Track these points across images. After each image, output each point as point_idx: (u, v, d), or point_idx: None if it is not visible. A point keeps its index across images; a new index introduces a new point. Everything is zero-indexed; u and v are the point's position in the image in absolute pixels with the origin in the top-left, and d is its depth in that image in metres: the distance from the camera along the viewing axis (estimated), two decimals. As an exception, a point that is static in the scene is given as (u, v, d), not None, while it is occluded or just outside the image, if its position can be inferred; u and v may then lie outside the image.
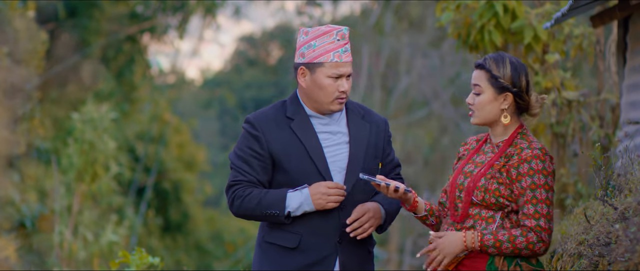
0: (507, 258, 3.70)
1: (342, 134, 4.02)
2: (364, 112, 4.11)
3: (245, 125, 4.01)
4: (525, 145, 3.73)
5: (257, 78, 33.72)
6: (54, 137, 15.85)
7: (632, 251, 3.60)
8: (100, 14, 17.79)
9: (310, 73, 3.95)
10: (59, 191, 12.96)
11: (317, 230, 3.93)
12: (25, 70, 11.94)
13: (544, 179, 3.67)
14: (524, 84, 3.75)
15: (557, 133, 7.94)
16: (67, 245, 12.48)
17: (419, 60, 21.02)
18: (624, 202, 4.20)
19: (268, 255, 3.99)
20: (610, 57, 7.93)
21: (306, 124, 3.98)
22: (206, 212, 22.07)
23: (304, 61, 3.95)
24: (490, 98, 3.77)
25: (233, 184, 3.99)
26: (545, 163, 3.69)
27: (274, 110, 4.03)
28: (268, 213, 3.91)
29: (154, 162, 20.13)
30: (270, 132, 3.96)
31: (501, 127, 3.80)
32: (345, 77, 3.94)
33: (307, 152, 3.94)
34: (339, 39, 3.93)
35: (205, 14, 20.55)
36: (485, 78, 3.77)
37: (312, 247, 3.93)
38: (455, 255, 3.71)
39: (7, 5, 11.98)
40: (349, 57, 3.95)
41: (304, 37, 3.97)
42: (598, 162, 4.70)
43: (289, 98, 4.06)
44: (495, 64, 3.76)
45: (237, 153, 4.00)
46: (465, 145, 3.96)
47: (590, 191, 7.41)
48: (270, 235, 3.99)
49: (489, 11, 7.02)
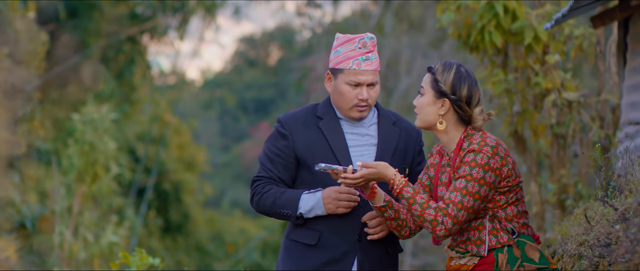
0: (510, 261, 3.71)
1: (370, 137, 4.08)
2: (396, 118, 4.17)
3: (276, 125, 4.10)
4: (466, 143, 3.74)
5: (258, 79, 33.73)
6: (54, 137, 15.86)
7: (632, 252, 3.60)
8: (100, 15, 17.80)
9: (334, 79, 4.04)
10: (60, 192, 12.96)
11: (337, 228, 3.98)
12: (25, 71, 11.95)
13: (469, 170, 3.68)
14: (465, 95, 3.76)
15: (557, 134, 7.94)
16: (67, 246, 12.48)
17: (420, 60, 21.01)
18: (625, 203, 4.20)
19: (290, 253, 4.05)
20: (611, 58, 7.93)
21: (335, 124, 4.06)
22: (206, 213, 22.08)
23: (330, 66, 4.04)
24: (429, 101, 3.80)
25: (255, 180, 4.09)
26: (478, 155, 3.68)
27: (305, 112, 4.12)
28: (282, 212, 4.00)
29: (154, 162, 20.13)
30: (298, 132, 4.04)
31: (447, 136, 3.81)
32: (365, 85, 3.98)
33: (332, 151, 4.01)
34: (360, 47, 3.98)
35: (205, 14, 20.55)
36: (428, 81, 3.82)
37: (332, 244, 3.98)
38: (383, 178, 3.76)
39: (8, 6, 11.99)
40: (370, 65, 3.99)
41: (335, 43, 4.05)
42: (598, 162, 4.70)
43: (323, 100, 4.15)
44: (442, 69, 3.80)
45: (264, 150, 4.10)
46: (431, 157, 3.96)
47: (590, 192, 7.41)
48: (294, 233, 4.06)
49: (489, 12, 7.02)
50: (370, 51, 3.98)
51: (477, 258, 3.74)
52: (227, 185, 30.53)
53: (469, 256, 3.76)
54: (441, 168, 3.87)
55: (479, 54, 7.41)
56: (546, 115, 7.81)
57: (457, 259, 3.81)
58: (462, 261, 3.78)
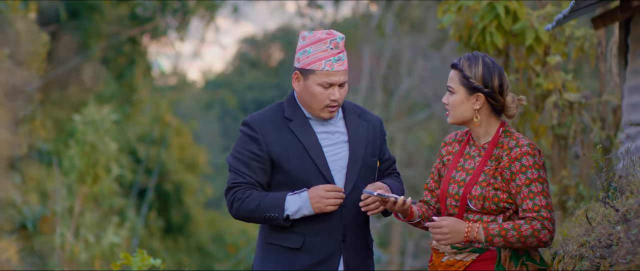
0: (514, 258, 3.70)
1: (340, 134, 4.03)
2: (360, 111, 4.12)
3: (243, 128, 4.02)
4: (513, 143, 3.72)
5: (259, 79, 33.74)
6: (55, 138, 15.86)
7: (633, 253, 3.60)
8: (101, 16, 17.80)
9: (303, 79, 3.96)
10: (61, 193, 12.96)
11: (321, 230, 3.94)
12: (26, 72, 11.95)
13: (536, 173, 3.68)
14: (497, 85, 3.74)
15: (558, 135, 7.94)
16: (68, 247, 12.47)
17: (420, 62, 21.02)
18: (626, 204, 4.20)
19: (272, 256, 3.98)
20: (612, 59, 7.93)
21: (305, 124, 3.99)
22: (207, 214, 22.07)
23: (298, 66, 3.97)
24: (462, 98, 3.76)
25: (232, 186, 3.98)
26: (536, 158, 3.69)
27: (272, 112, 4.04)
28: (267, 216, 3.91)
29: (155, 163, 20.13)
30: (269, 134, 3.97)
31: (482, 128, 3.79)
32: (337, 85, 3.93)
33: (306, 152, 3.94)
34: (332, 47, 3.92)
35: (205, 13, 20.54)
36: (457, 79, 3.76)
37: (316, 247, 3.93)
38: (455, 242, 3.70)
39: (9, 7, 11.99)
40: (342, 65, 3.93)
41: (302, 42, 3.97)
42: (599, 163, 4.70)
43: (286, 100, 4.07)
44: (468, 64, 3.75)
45: (235, 155, 3.99)
46: (446, 146, 3.93)
47: (591, 193, 7.41)
48: (273, 237, 3.99)
49: (490, 13, 7.02)
50: (341, 51, 3.93)
51: (476, 254, 3.72)
52: (228, 186, 30.47)
53: (468, 252, 3.73)
54: (464, 156, 3.84)
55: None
56: (547, 116, 7.81)
57: (451, 255, 3.77)
58: (459, 257, 3.75)
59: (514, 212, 3.73)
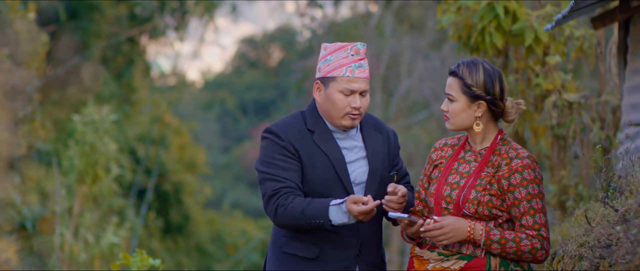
0: (503, 265, 3.68)
1: (359, 148, 4.02)
2: (374, 122, 4.10)
3: (269, 135, 3.95)
4: (513, 153, 3.70)
5: (258, 80, 33.75)
6: (54, 138, 15.86)
7: (633, 253, 3.60)
8: (101, 16, 17.80)
9: (324, 88, 3.94)
10: (60, 193, 12.96)
11: (337, 242, 3.93)
12: (26, 72, 11.94)
13: (537, 188, 3.66)
14: (498, 91, 3.70)
15: (557, 135, 7.94)
16: (67, 247, 12.47)
17: (420, 62, 21.01)
18: (625, 204, 4.20)
19: (286, 265, 3.96)
20: (611, 59, 7.93)
21: (328, 137, 3.97)
22: (207, 214, 22.08)
23: (319, 75, 3.96)
24: (463, 106, 3.72)
25: (274, 193, 3.90)
26: (536, 172, 3.68)
27: (296, 121, 4.00)
28: (312, 223, 3.84)
29: (154, 163, 20.13)
30: (296, 141, 3.94)
31: (481, 135, 3.76)
32: (358, 93, 3.91)
33: (332, 165, 3.92)
34: (353, 54, 3.92)
35: (203, 14, 20.53)
36: (458, 87, 3.71)
37: (332, 259, 3.93)
38: (456, 240, 3.68)
39: (8, 7, 11.99)
40: (363, 72, 3.91)
41: (323, 52, 3.97)
42: (599, 164, 4.70)
43: (307, 110, 4.04)
44: (468, 72, 3.69)
45: (268, 161, 3.93)
46: (437, 151, 3.89)
47: (591, 193, 7.41)
48: (289, 245, 3.97)
49: (489, 13, 7.02)
50: (362, 58, 3.93)
51: (464, 261, 3.69)
52: (228, 186, 30.53)
53: (456, 259, 3.70)
54: (458, 160, 3.80)
55: (479, 55, 7.40)
56: (547, 116, 7.81)
57: (437, 262, 3.73)
58: (445, 264, 3.71)
59: (505, 220, 3.71)
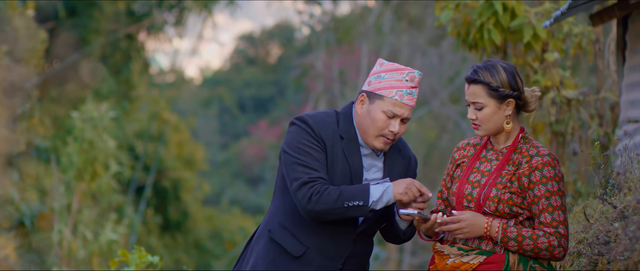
0: (522, 261, 3.69)
1: (377, 169, 3.97)
2: (402, 147, 4.05)
3: (302, 124, 3.89)
4: (534, 151, 3.71)
5: (257, 77, 33.75)
6: (53, 135, 15.86)
7: (631, 250, 3.61)
8: (99, 12, 17.79)
9: (369, 103, 3.90)
10: (59, 190, 12.96)
11: (325, 249, 3.89)
12: (24, 69, 11.94)
13: (556, 185, 3.66)
14: (520, 84, 3.73)
15: (556, 132, 7.94)
16: (66, 244, 12.47)
17: (418, 59, 21.01)
18: (624, 201, 4.21)
19: (271, 255, 3.92)
20: (610, 56, 7.94)
21: (355, 148, 3.92)
22: (205, 211, 22.08)
23: (368, 89, 3.91)
24: (493, 109, 3.72)
25: (310, 180, 3.80)
26: (556, 169, 3.68)
27: (331, 120, 3.94)
28: (350, 204, 3.76)
29: (153, 160, 20.13)
30: (328, 139, 3.89)
31: (504, 133, 3.78)
32: (400, 119, 3.87)
33: (350, 174, 3.88)
34: (408, 80, 3.89)
35: (201, 10, 20.51)
36: (484, 92, 3.71)
37: (314, 262, 3.88)
38: (474, 236, 3.69)
39: (7, 4, 11.98)
40: (411, 101, 3.88)
41: (378, 68, 3.95)
42: (597, 160, 4.71)
43: (342, 113, 3.99)
44: (490, 74, 3.70)
45: (299, 147, 3.85)
46: (459, 151, 3.91)
47: (589, 189, 7.42)
48: (278, 234, 3.92)
49: (488, 10, 7.02)
50: (415, 86, 3.89)
51: (483, 256, 3.70)
52: (226, 183, 30.54)
53: (475, 254, 3.71)
54: (480, 159, 3.81)
55: (477, 52, 7.41)
56: (545, 112, 7.81)
57: (457, 257, 3.75)
58: (465, 259, 3.72)
59: (526, 218, 3.72)
